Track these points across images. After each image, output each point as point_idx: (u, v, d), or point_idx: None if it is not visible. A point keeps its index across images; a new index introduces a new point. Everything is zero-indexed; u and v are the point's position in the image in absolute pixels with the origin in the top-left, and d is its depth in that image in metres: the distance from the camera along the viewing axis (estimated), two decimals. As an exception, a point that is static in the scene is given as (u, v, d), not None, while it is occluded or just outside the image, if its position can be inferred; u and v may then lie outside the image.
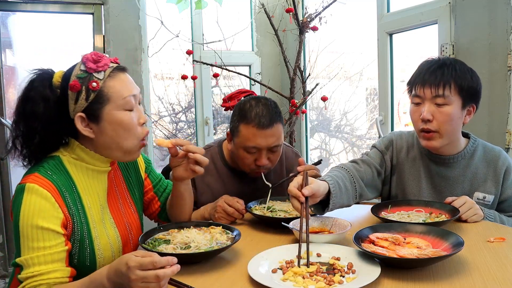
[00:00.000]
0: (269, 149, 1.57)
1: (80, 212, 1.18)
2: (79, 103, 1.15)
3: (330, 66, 3.46)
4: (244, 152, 1.58)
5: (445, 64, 1.48)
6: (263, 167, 1.60)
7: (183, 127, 4.12)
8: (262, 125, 1.53)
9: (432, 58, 1.54)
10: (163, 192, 1.51)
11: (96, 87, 1.14)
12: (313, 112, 4.16)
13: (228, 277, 1.08)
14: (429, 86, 1.46)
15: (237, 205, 1.50)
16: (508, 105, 1.99)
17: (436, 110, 1.46)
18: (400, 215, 1.47)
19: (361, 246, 1.12)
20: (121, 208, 1.33)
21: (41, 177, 1.12)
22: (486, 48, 2.06)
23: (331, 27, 2.92)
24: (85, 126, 1.17)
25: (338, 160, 4.38)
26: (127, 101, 1.17)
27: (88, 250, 1.19)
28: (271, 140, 1.56)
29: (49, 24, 3.12)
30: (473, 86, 1.47)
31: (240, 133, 1.57)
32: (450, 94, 1.44)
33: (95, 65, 1.15)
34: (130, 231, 1.33)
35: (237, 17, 3.50)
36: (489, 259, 1.13)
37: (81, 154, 1.21)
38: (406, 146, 1.68)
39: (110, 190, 1.30)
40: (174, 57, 3.20)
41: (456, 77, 1.45)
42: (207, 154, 1.69)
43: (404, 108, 3.08)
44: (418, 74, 1.52)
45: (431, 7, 2.39)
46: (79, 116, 1.16)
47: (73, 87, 1.14)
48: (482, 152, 1.58)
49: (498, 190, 1.55)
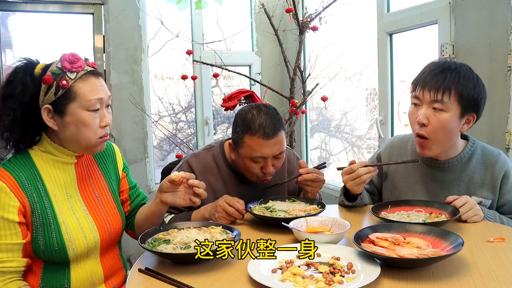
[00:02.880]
0: (274, 156, 1.59)
1: (44, 200, 1.26)
2: (48, 96, 1.25)
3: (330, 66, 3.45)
4: (250, 162, 1.59)
5: (449, 69, 1.43)
6: (269, 174, 1.62)
7: (183, 127, 4.12)
8: (268, 136, 1.54)
9: (439, 60, 1.51)
10: (135, 199, 1.55)
11: (65, 85, 1.24)
12: (313, 112, 4.15)
13: (228, 277, 1.08)
14: (428, 90, 1.43)
15: (237, 205, 1.51)
16: (508, 105, 1.99)
17: (432, 115, 1.43)
18: (400, 215, 1.47)
19: (361, 246, 1.12)
20: (95, 195, 1.39)
21: (0, 169, 1.23)
22: (486, 48, 2.06)
23: (331, 27, 2.92)
24: (50, 118, 1.27)
25: (338, 160, 4.38)
26: (91, 103, 1.27)
27: (54, 233, 1.26)
28: (277, 148, 1.58)
29: (49, 24, 3.12)
30: (473, 96, 1.42)
31: (245, 143, 1.57)
32: (449, 101, 1.41)
33: (70, 65, 1.25)
34: (107, 218, 1.39)
35: (237, 17, 3.51)
36: (489, 259, 1.13)
37: (48, 146, 1.31)
38: (397, 154, 1.67)
39: (82, 180, 1.37)
40: (174, 57, 3.20)
41: (457, 84, 1.41)
42: (209, 155, 1.71)
43: (404, 108, 3.08)
44: (421, 75, 1.49)
45: (431, 7, 2.39)
46: (46, 107, 1.26)
47: (46, 80, 1.24)
48: (481, 155, 1.55)
49: (496, 195, 1.52)
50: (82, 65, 1.27)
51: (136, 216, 1.53)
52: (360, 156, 4.23)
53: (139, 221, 1.50)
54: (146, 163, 3.29)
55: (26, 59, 1.31)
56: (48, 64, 1.29)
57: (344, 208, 1.70)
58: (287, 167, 1.81)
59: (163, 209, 1.44)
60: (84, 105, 1.26)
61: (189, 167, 1.69)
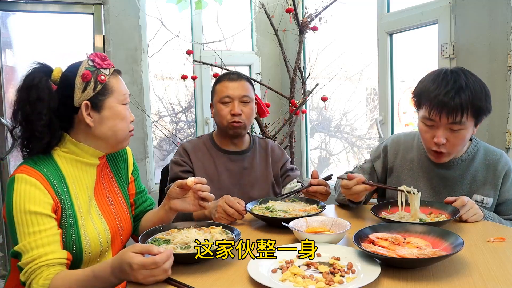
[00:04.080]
0: (240, 100, 1.82)
1: (68, 201, 1.25)
2: (87, 92, 1.26)
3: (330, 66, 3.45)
4: (220, 105, 1.83)
5: (462, 88, 1.39)
6: (238, 117, 1.81)
7: (183, 127, 4.12)
8: (232, 79, 1.85)
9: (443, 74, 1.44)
10: (140, 205, 1.54)
11: (103, 80, 1.28)
12: (313, 112, 4.15)
13: (228, 277, 1.08)
14: (446, 115, 1.40)
15: (237, 206, 1.51)
16: (508, 105, 1.99)
17: (451, 134, 1.43)
18: (400, 215, 1.47)
19: (361, 246, 1.12)
20: (109, 200, 1.38)
21: (28, 167, 1.21)
22: (486, 48, 2.06)
23: (331, 27, 2.92)
24: (87, 114, 1.27)
25: (338, 160, 4.38)
26: (125, 98, 1.34)
27: (74, 237, 1.24)
28: (240, 91, 1.83)
29: (49, 24, 3.12)
30: (486, 106, 1.43)
31: (216, 90, 1.87)
32: (467, 120, 1.40)
33: (102, 62, 1.29)
34: (120, 223, 1.38)
35: (237, 17, 3.51)
36: (489, 259, 1.13)
37: (72, 147, 1.30)
38: (403, 149, 1.68)
39: (98, 183, 1.37)
40: (174, 57, 3.20)
41: (473, 102, 1.39)
42: (200, 140, 1.94)
43: (404, 108, 3.08)
44: (430, 92, 1.43)
45: (431, 7, 2.39)
46: (85, 103, 1.26)
47: (85, 76, 1.26)
48: (483, 155, 1.58)
49: (497, 194, 1.55)
50: (111, 63, 1.33)
51: (141, 222, 1.52)
52: (360, 156, 4.23)
53: (144, 227, 1.47)
54: (146, 163, 3.29)
55: (38, 63, 1.30)
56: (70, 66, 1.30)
57: (344, 208, 1.70)
58: (271, 156, 1.96)
59: (172, 216, 1.44)
60: (120, 99, 1.31)
61: (184, 150, 1.89)
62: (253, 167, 1.90)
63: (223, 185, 1.82)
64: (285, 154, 2.02)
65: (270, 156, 1.96)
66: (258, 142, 1.98)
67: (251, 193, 1.84)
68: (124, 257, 1.02)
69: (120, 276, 1.05)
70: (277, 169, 1.96)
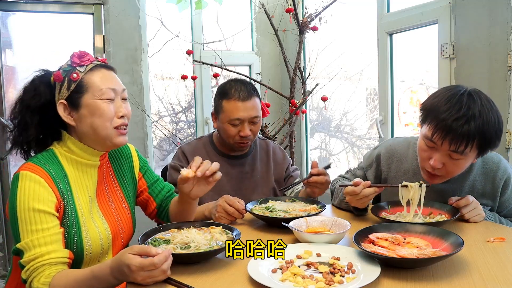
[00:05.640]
0: (250, 121, 1.74)
1: (70, 200, 1.25)
2: (62, 92, 1.27)
3: (330, 66, 3.45)
4: (229, 126, 1.75)
5: (474, 117, 1.27)
6: (247, 138, 1.75)
7: (183, 127, 4.12)
8: (243, 98, 1.72)
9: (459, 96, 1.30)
10: (159, 193, 1.54)
11: (76, 77, 1.26)
12: (313, 112, 4.15)
13: (228, 277, 1.08)
14: (449, 141, 1.30)
15: (238, 205, 1.51)
16: (508, 105, 1.99)
17: (449, 160, 1.35)
18: (400, 215, 1.47)
19: (361, 246, 1.12)
20: (110, 202, 1.38)
21: (33, 165, 1.21)
22: (486, 48, 2.06)
23: (331, 27, 2.92)
24: (67, 114, 1.28)
25: (338, 160, 4.38)
26: (104, 92, 1.27)
27: (76, 236, 1.24)
28: (252, 111, 1.74)
29: (49, 24, 3.12)
30: (495, 142, 1.32)
31: (223, 108, 1.75)
32: (470, 151, 1.31)
33: (79, 60, 1.28)
34: (120, 224, 1.38)
35: (237, 17, 3.50)
36: (489, 259, 1.13)
37: (71, 146, 1.30)
38: (398, 159, 1.63)
39: (100, 184, 1.36)
40: (174, 57, 3.20)
41: (481, 134, 1.28)
42: (199, 143, 1.90)
43: (404, 108, 3.08)
44: (439, 113, 1.31)
45: (431, 7, 2.39)
46: (61, 103, 1.27)
47: (56, 77, 1.27)
48: (481, 163, 1.51)
49: (496, 202, 1.51)
50: (91, 59, 1.29)
51: (169, 209, 1.53)
52: (360, 156, 4.23)
53: (175, 215, 1.49)
54: (146, 163, 3.28)
55: (42, 70, 1.33)
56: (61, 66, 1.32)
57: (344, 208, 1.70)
58: (272, 158, 1.93)
59: (195, 203, 1.45)
60: (97, 94, 1.26)
61: (182, 153, 1.86)
62: (253, 171, 1.88)
63: (223, 190, 1.76)
64: (287, 156, 2.00)
65: (272, 158, 1.93)
66: (259, 143, 1.95)
67: (252, 197, 1.80)
68: (122, 259, 1.02)
69: (119, 277, 1.05)
70: (279, 172, 1.93)
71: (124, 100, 1.33)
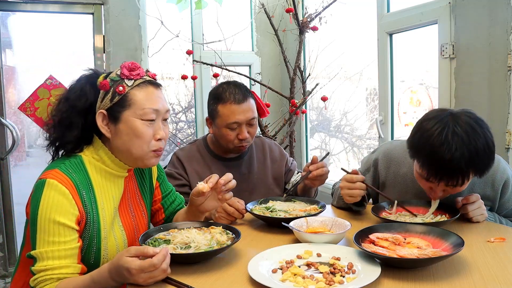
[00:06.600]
0: (248, 123, 1.73)
1: (94, 212, 1.23)
2: (104, 102, 1.24)
3: (330, 66, 3.45)
4: (226, 130, 1.73)
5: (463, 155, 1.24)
6: (246, 140, 1.74)
7: (183, 127, 4.12)
8: (238, 101, 1.71)
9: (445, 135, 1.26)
10: (170, 205, 1.53)
11: (122, 91, 1.23)
12: (313, 112, 4.15)
13: (228, 277, 1.08)
14: (445, 182, 1.31)
15: (238, 205, 1.51)
16: (508, 105, 1.99)
17: (449, 189, 1.36)
18: (400, 215, 1.46)
19: (361, 246, 1.12)
20: (131, 212, 1.36)
21: (61, 173, 1.18)
22: (486, 48, 2.06)
23: (331, 27, 2.92)
24: (105, 124, 1.25)
25: (338, 160, 4.38)
26: (146, 112, 1.23)
27: (95, 249, 1.23)
28: (249, 113, 1.72)
29: (49, 24, 3.11)
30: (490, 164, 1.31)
31: (219, 113, 1.73)
32: (467, 180, 1.31)
33: (128, 73, 1.24)
34: (138, 234, 1.36)
35: (237, 17, 3.50)
36: (490, 259, 1.13)
37: (103, 155, 1.27)
38: (396, 164, 1.62)
39: (124, 194, 1.35)
40: (174, 57, 3.19)
41: (474, 165, 1.27)
42: (194, 147, 1.86)
43: (404, 108, 3.08)
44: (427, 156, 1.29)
45: (431, 7, 2.38)
46: (101, 112, 1.24)
47: (102, 86, 1.24)
48: None
49: (496, 204, 1.51)
50: (141, 73, 1.26)
51: (175, 219, 1.52)
52: (360, 157, 4.23)
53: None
54: (146, 163, 3.28)
55: (91, 69, 1.31)
56: (109, 73, 1.29)
57: (344, 208, 1.70)
58: (269, 155, 1.92)
59: (203, 216, 1.46)
60: (138, 113, 1.23)
61: (177, 159, 1.83)
62: (251, 171, 1.87)
63: None
64: (283, 151, 1.99)
65: (269, 156, 1.93)
66: (254, 142, 1.94)
67: (251, 198, 1.77)
68: (120, 263, 1.02)
69: (119, 280, 1.05)
70: (277, 168, 1.93)
71: (164, 121, 1.30)
